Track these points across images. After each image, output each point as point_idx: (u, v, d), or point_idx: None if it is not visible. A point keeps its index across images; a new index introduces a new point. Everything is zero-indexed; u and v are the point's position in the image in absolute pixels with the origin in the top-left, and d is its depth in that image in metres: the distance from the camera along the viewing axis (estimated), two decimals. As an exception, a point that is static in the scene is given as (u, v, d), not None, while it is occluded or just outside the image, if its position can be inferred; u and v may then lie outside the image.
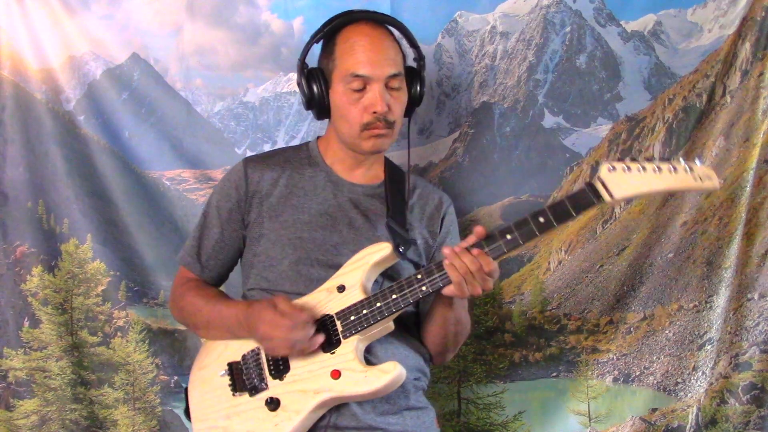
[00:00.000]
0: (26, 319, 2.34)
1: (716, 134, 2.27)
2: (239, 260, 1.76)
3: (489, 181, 2.37)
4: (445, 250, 1.43)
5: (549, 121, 2.38)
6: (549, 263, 2.38)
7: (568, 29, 2.36)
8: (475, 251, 1.41)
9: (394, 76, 1.59)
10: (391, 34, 1.66)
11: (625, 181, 1.35)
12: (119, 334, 2.37)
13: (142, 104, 2.35)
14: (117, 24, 2.29)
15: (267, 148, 2.40)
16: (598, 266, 2.36)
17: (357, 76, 1.57)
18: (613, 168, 1.35)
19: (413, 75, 1.68)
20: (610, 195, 1.35)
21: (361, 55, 1.57)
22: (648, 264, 2.32)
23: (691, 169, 1.33)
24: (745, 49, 2.23)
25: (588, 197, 1.37)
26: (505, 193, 2.35)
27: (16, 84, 2.28)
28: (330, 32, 1.64)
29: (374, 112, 1.57)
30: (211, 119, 2.41)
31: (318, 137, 1.78)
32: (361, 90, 1.58)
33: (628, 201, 2.21)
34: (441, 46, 2.39)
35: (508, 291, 2.38)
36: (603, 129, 2.35)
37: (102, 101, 2.33)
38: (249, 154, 2.40)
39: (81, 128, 2.33)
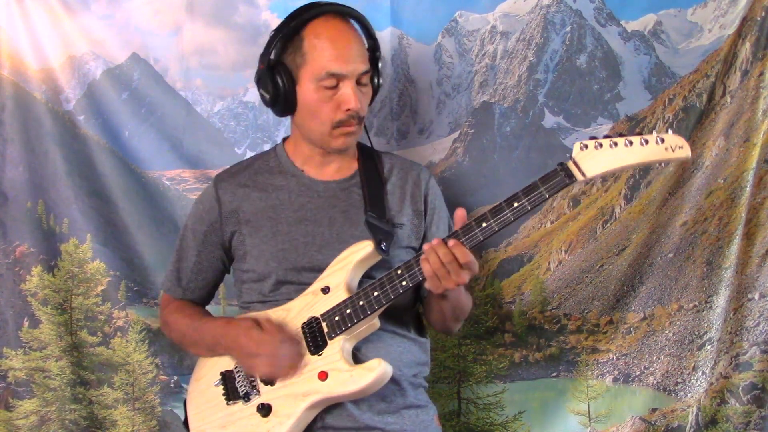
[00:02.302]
0: (26, 319, 2.34)
1: (716, 134, 2.26)
2: (222, 279, 1.77)
3: (489, 181, 2.36)
4: (425, 246, 1.41)
5: (549, 120, 2.38)
6: (549, 263, 2.38)
7: (568, 29, 2.35)
8: (450, 242, 1.38)
9: (365, 72, 1.57)
10: (354, 26, 1.61)
11: (597, 159, 1.33)
12: (119, 334, 2.37)
13: (142, 104, 2.35)
14: (117, 24, 2.29)
15: (267, 147, 2.37)
16: (598, 266, 2.36)
17: (332, 74, 1.52)
18: (585, 146, 1.34)
19: (375, 66, 1.64)
20: (583, 174, 1.33)
21: (337, 52, 1.52)
22: (648, 264, 2.32)
23: (662, 140, 1.30)
24: (745, 49, 2.22)
25: (560, 178, 1.35)
26: (505, 193, 2.26)
27: (16, 84, 2.28)
28: (295, 26, 1.56)
29: (348, 110, 1.54)
30: (211, 119, 2.41)
31: (284, 139, 1.74)
32: (334, 87, 1.54)
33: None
34: (441, 46, 2.39)
35: (508, 291, 2.38)
36: (603, 129, 2.35)
37: (102, 101, 2.33)
38: (249, 153, 2.40)
39: (81, 128, 2.33)
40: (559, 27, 2.36)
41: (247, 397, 1.52)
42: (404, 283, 1.45)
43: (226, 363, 1.59)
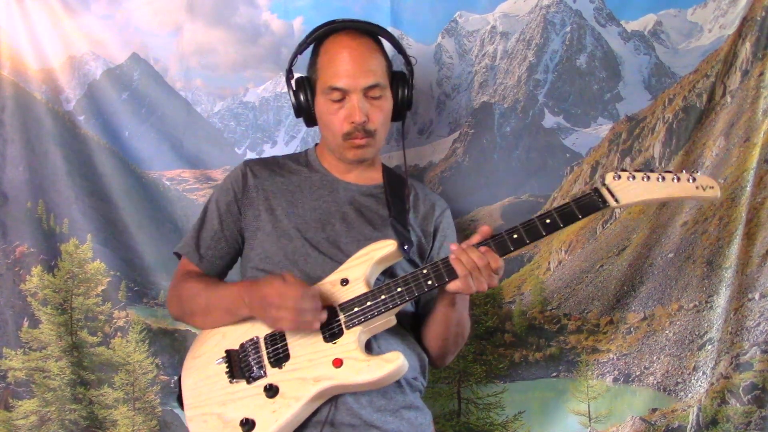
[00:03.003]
0: (25, 319, 2.34)
1: (716, 134, 2.26)
2: (237, 259, 1.80)
3: (489, 181, 2.36)
4: (452, 246, 1.46)
5: (549, 121, 2.38)
6: (549, 263, 2.38)
7: (568, 29, 2.35)
8: (482, 248, 1.45)
9: (372, 87, 1.63)
10: (375, 41, 1.68)
11: (630, 189, 1.44)
12: (119, 334, 2.37)
13: (142, 104, 2.35)
14: (117, 24, 2.29)
15: (267, 147, 2.41)
16: (598, 266, 2.36)
17: (335, 88, 1.62)
18: (619, 177, 1.45)
19: (401, 80, 1.71)
20: (616, 200, 1.44)
21: (339, 68, 1.62)
22: (648, 264, 2.32)
23: (693, 179, 1.42)
24: (745, 49, 2.23)
25: (594, 202, 1.45)
26: (505, 193, 2.34)
27: (16, 84, 2.28)
28: (314, 42, 1.69)
29: (352, 122, 1.62)
30: (211, 119, 2.41)
31: (316, 144, 1.85)
32: (341, 101, 1.63)
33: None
34: (441, 46, 2.39)
35: (508, 291, 2.38)
36: (603, 129, 2.35)
37: (102, 101, 2.32)
38: (249, 154, 2.41)
39: (81, 128, 2.33)
40: (559, 27, 2.36)
41: (252, 377, 1.50)
42: (429, 282, 1.48)
43: (231, 343, 1.57)
